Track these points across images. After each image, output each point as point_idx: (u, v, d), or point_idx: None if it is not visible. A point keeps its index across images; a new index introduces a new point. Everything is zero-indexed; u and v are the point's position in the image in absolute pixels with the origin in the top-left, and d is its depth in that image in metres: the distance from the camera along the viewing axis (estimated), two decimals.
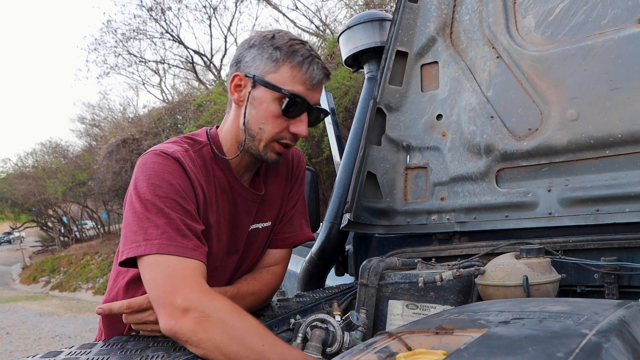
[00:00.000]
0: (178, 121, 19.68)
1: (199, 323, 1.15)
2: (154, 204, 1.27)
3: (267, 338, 1.17)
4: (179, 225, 1.26)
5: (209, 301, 1.18)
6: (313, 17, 19.35)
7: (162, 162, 1.33)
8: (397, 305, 1.55)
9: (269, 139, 1.44)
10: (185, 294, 1.18)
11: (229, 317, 1.17)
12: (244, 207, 1.54)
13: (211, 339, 1.14)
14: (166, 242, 1.23)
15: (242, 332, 1.16)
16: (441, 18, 1.91)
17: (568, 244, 1.57)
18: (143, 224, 1.26)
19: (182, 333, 1.16)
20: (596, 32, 1.60)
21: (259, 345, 1.15)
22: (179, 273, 1.21)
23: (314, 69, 1.41)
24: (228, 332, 1.15)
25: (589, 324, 0.79)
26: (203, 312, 1.16)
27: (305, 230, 1.74)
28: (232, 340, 1.15)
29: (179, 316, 1.16)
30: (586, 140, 1.59)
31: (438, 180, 1.86)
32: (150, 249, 1.23)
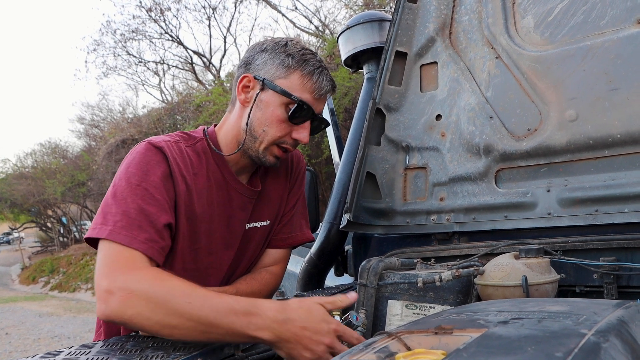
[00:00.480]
0: (177, 121, 19.67)
1: (124, 301, 1.16)
2: (123, 191, 1.30)
3: (193, 295, 1.18)
4: (137, 215, 1.28)
5: (131, 278, 1.20)
6: (312, 18, 19.33)
7: (144, 151, 1.37)
8: (396, 306, 1.55)
9: (270, 141, 1.47)
10: (111, 277, 1.20)
11: (151, 286, 1.18)
12: (238, 202, 1.55)
13: (139, 312, 1.16)
14: (118, 229, 1.26)
15: (166, 297, 1.17)
16: (440, 18, 1.91)
17: (567, 244, 1.57)
18: (106, 208, 1.31)
19: (113, 315, 1.18)
20: (595, 32, 1.60)
21: (184, 304, 1.16)
22: (116, 260, 1.23)
23: (323, 79, 1.47)
24: (152, 300, 1.16)
25: (587, 324, 0.79)
26: (126, 290, 1.17)
27: (304, 231, 1.75)
28: (158, 307, 1.16)
29: (106, 299, 1.18)
30: (585, 140, 1.59)
31: (437, 180, 1.86)
32: (102, 233, 1.26)
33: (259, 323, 1.17)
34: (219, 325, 1.15)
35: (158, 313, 1.15)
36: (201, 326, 1.15)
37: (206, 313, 1.15)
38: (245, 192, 1.56)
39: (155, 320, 1.16)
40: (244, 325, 1.16)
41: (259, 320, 1.17)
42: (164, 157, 1.37)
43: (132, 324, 1.18)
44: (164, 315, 1.15)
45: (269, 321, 1.17)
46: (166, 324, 1.16)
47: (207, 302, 1.17)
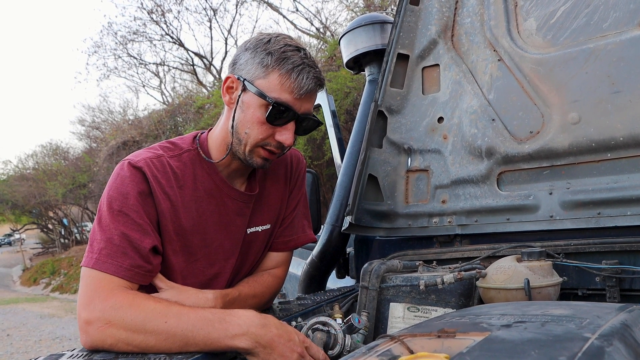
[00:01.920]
0: (178, 123, 19.67)
1: (102, 331, 1.19)
2: (105, 218, 1.31)
3: (169, 314, 1.21)
4: (121, 242, 1.29)
5: (108, 306, 1.21)
6: (313, 20, 19.36)
7: (123, 173, 1.36)
8: (398, 308, 1.55)
9: (253, 144, 1.43)
10: (90, 307, 1.22)
11: (127, 312, 1.20)
12: (234, 208, 1.53)
13: (118, 340, 1.19)
14: (104, 258, 1.27)
15: (143, 321, 1.19)
16: (442, 21, 1.91)
17: (569, 247, 1.57)
18: (94, 235, 1.32)
19: (94, 345, 1.21)
20: (598, 35, 1.60)
21: (161, 324, 1.19)
22: (96, 288, 1.25)
23: (303, 77, 1.37)
24: (129, 327, 1.19)
25: (591, 327, 0.79)
26: (103, 320, 1.19)
27: (307, 232, 1.74)
28: (136, 332, 1.18)
29: (85, 330, 1.21)
30: (588, 143, 1.59)
31: (439, 183, 1.86)
32: (88, 262, 1.28)
33: (236, 330, 1.19)
34: (196, 338, 1.18)
35: (136, 338, 1.18)
36: (179, 342, 1.18)
37: (182, 329, 1.18)
38: (239, 198, 1.54)
39: (135, 344, 1.19)
40: (221, 334, 1.19)
41: (236, 327, 1.20)
42: (142, 176, 1.35)
43: (113, 350, 1.21)
44: (143, 339, 1.18)
45: (246, 326, 1.20)
46: (145, 345, 1.19)
47: (182, 319, 1.20)
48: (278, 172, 1.66)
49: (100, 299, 1.22)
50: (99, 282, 1.24)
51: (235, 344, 1.19)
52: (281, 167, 1.67)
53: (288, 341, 1.22)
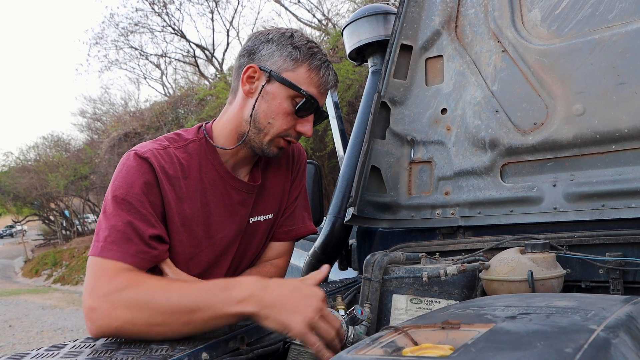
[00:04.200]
0: (180, 115, 19.67)
1: (108, 314, 1.18)
2: (110, 207, 1.31)
3: (171, 289, 1.21)
4: (125, 228, 1.28)
5: (112, 288, 1.21)
6: (315, 11, 19.30)
7: (130, 163, 1.36)
8: (401, 300, 1.55)
9: (275, 134, 1.46)
10: (94, 293, 1.21)
11: (130, 291, 1.20)
12: (238, 198, 1.54)
13: (125, 321, 1.18)
14: (108, 245, 1.27)
15: (145, 298, 1.19)
16: (446, 11, 1.89)
17: (573, 239, 1.56)
18: (99, 225, 1.32)
19: (101, 331, 1.20)
20: (603, 26, 1.59)
21: (164, 300, 1.18)
22: (100, 275, 1.24)
23: (329, 74, 1.47)
24: (134, 306, 1.19)
25: (596, 319, 0.79)
26: (108, 302, 1.19)
27: (307, 224, 1.75)
28: (140, 310, 1.18)
29: (91, 317, 1.20)
30: (592, 135, 1.58)
31: (442, 174, 1.85)
32: (94, 251, 1.27)
33: (240, 294, 1.18)
34: (200, 309, 1.17)
35: (142, 317, 1.18)
36: (185, 316, 1.17)
37: (186, 302, 1.18)
38: (243, 188, 1.55)
39: (141, 324, 1.18)
40: (225, 302, 1.17)
41: (239, 292, 1.18)
42: (149, 167, 1.35)
43: (120, 334, 1.20)
44: (148, 317, 1.18)
45: (249, 290, 1.18)
46: (151, 324, 1.18)
47: (185, 292, 1.20)
48: (280, 162, 1.67)
49: (103, 284, 1.21)
50: (104, 269, 1.24)
51: (241, 309, 1.17)
52: (283, 158, 1.68)
53: (304, 297, 1.19)
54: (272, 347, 1.34)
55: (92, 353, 1.12)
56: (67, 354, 1.12)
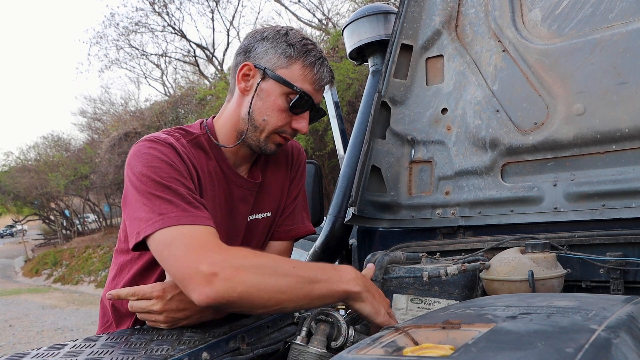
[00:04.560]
0: (180, 115, 19.67)
1: (232, 279, 1.15)
2: (160, 183, 1.28)
3: (294, 262, 1.29)
4: (189, 199, 1.27)
5: (232, 255, 1.20)
6: (315, 11, 19.29)
7: (157, 147, 1.35)
8: (401, 300, 1.55)
9: (270, 130, 1.47)
10: (209, 259, 1.18)
11: (255, 258, 1.22)
12: (239, 195, 1.55)
13: (251, 284, 1.17)
14: (183, 213, 1.24)
15: (273, 265, 1.22)
16: (447, 11, 1.89)
17: (574, 239, 1.56)
18: (154, 202, 1.26)
19: (221, 296, 1.16)
20: (604, 25, 1.59)
21: (290, 268, 1.22)
22: (198, 241, 1.21)
23: (323, 70, 1.47)
24: (261, 271, 1.19)
25: (597, 319, 0.79)
26: (231, 267, 1.16)
27: (306, 224, 1.75)
28: (268, 275, 1.19)
29: (211, 282, 1.15)
30: (593, 134, 1.58)
31: (443, 174, 1.85)
32: (169, 222, 1.22)
33: (347, 276, 1.27)
34: (320, 281, 1.23)
35: (269, 282, 1.18)
36: (307, 286, 1.22)
37: (309, 273, 1.24)
38: (245, 185, 1.56)
39: (267, 289, 1.18)
40: (339, 279, 1.26)
41: (347, 273, 1.28)
42: (176, 152, 1.36)
43: (240, 301, 1.17)
44: (275, 283, 1.18)
45: (353, 274, 1.29)
46: (277, 290, 1.19)
47: (304, 265, 1.31)
48: (279, 161, 1.68)
49: (215, 251, 1.20)
50: (196, 236, 1.22)
51: (350, 287, 1.26)
52: (282, 157, 1.68)
53: (379, 291, 1.35)
54: (273, 347, 1.33)
55: (92, 353, 1.12)
56: (67, 353, 1.12)
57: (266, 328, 1.39)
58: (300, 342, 1.24)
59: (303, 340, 1.25)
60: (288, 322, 1.48)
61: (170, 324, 1.30)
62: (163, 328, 1.31)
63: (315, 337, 1.25)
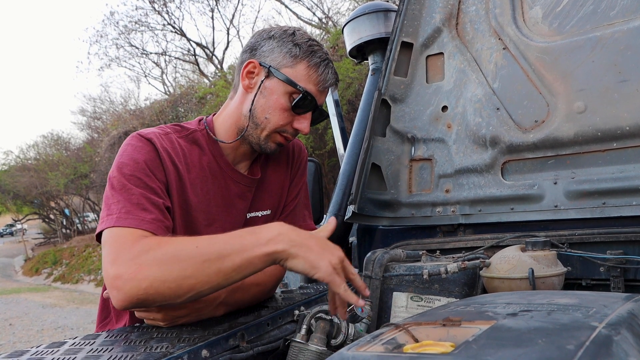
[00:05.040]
0: (180, 114, 19.66)
1: (134, 277, 1.13)
2: (119, 181, 1.30)
3: (197, 240, 1.19)
4: (139, 200, 1.27)
5: (135, 252, 1.17)
6: (315, 10, 19.27)
7: (134, 142, 1.37)
8: (401, 297, 1.54)
9: (272, 129, 1.47)
10: (117, 261, 1.17)
11: (157, 250, 1.16)
12: (236, 191, 1.55)
13: (154, 279, 1.13)
14: (124, 215, 1.24)
15: (174, 251, 1.16)
16: (447, 9, 1.89)
17: (574, 237, 1.56)
18: (108, 201, 1.29)
19: (129, 297, 1.14)
20: (605, 23, 1.58)
21: (192, 249, 1.15)
22: (117, 244, 1.20)
23: (328, 72, 1.47)
24: (162, 261, 1.15)
25: (598, 316, 0.78)
26: (134, 265, 1.14)
27: (307, 222, 1.74)
28: (169, 264, 1.14)
29: (117, 285, 1.14)
30: (593, 132, 1.58)
31: (443, 172, 1.85)
32: (108, 223, 1.24)
33: (268, 235, 1.17)
34: (230, 254, 1.15)
35: (172, 271, 1.13)
36: (216, 263, 1.14)
37: (216, 248, 1.16)
38: (242, 181, 1.55)
39: (172, 279, 1.13)
40: (254, 243, 1.16)
41: (267, 232, 1.18)
42: (152, 147, 1.36)
43: (150, 297, 1.15)
44: (179, 270, 1.14)
45: (277, 231, 1.19)
46: (182, 277, 1.13)
47: (213, 240, 1.19)
48: (280, 158, 1.67)
49: (126, 250, 1.18)
50: (123, 237, 1.21)
51: (271, 248, 1.16)
52: (283, 154, 1.68)
53: (325, 244, 1.21)
54: (273, 345, 1.33)
55: (92, 350, 1.12)
56: (66, 351, 1.12)
57: (266, 325, 1.39)
58: (300, 340, 1.24)
59: (303, 337, 1.25)
60: (288, 320, 1.48)
61: (169, 321, 1.30)
62: (162, 326, 1.31)
63: (315, 335, 1.24)
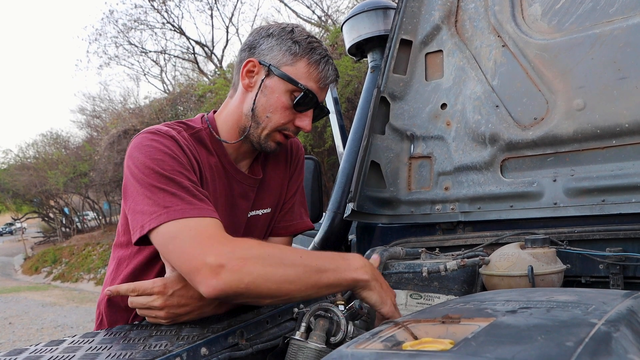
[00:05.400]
0: (179, 112, 19.67)
1: (239, 270, 1.15)
2: (163, 175, 1.26)
3: (301, 251, 1.27)
4: (194, 191, 1.27)
5: (238, 246, 1.20)
6: (315, 8, 19.25)
7: (158, 139, 1.34)
8: (400, 295, 1.54)
9: (273, 128, 1.47)
10: (215, 251, 1.17)
11: (262, 249, 1.22)
12: (240, 191, 1.55)
13: (258, 275, 1.16)
14: (188, 206, 1.23)
15: (280, 255, 1.22)
16: (446, 6, 1.88)
17: (573, 235, 1.56)
18: (157, 195, 1.24)
19: (228, 287, 1.15)
20: (604, 20, 1.58)
21: (297, 258, 1.22)
22: (204, 234, 1.21)
23: (328, 69, 1.46)
24: (268, 261, 1.19)
25: (597, 313, 0.78)
26: (238, 258, 1.16)
27: (305, 220, 1.75)
28: (275, 266, 1.19)
29: (218, 274, 1.15)
30: (592, 130, 1.57)
31: (442, 169, 1.84)
32: (174, 215, 1.21)
33: (356, 264, 1.28)
34: (327, 271, 1.24)
35: (276, 272, 1.18)
36: (315, 275, 1.22)
37: (316, 262, 1.23)
38: (245, 181, 1.55)
39: (275, 280, 1.18)
40: (347, 267, 1.27)
41: (355, 262, 1.29)
42: (178, 145, 1.35)
43: (248, 291, 1.16)
44: (283, 273, 1.19)
45: (361, 262, 1.30)
46: (285, 280, 1.19)
47: (312, 255, 1.29)
48: (279, 157, 1.67)
49: (222, 242, 1.19)
50: (208, 227, 1.21)
51: (358, 275, 1.27)
52: (281, 153, 1.68)
53: (388, 285, 1.35)
54: (272, 343, 1.33)
55: (91, 349, 1.12)
56: (65, 349, 1.12)
57: (265, 323, 1.39)
58: (299, 338, 1.24)
59: (302, 335, 1.25)
60: (287, 317, 1.48)
61: (171, 319, 1.30)
62: (163, 324, 1.31)
63: (315, 333, 1.24)
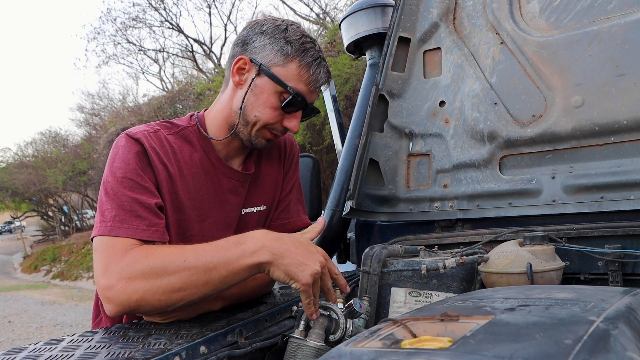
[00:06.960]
0: (178, 110, 19.62)
1: (125, 290, 1.18)
2: (112, 186, 1.31)
3: (185, 252, 1.22)
4: (132, 206, 1.29)
5: (125, 264, 1.20)
6: (313, 5, 19.23)
7: (123, 144, 1.37)
8: (399, 293, 1.54)
9: (261, 126, 1.47)
10: (107, 272, 1.20)
11: (144, 262, 1.20)
12: (229, 186, 1.54)
13: (145, 291, 1.18)
14: (117, 224, 1.26)
15: (162, 265, 1.20)
16: (444, 4, 1.88)
17: (572, 232, 1.56)
18: (102, 206, 1.31)
19: (121, 307, 1.19)
20: (602, 17, 1.58)
21: (181, 263, 1.20)
22: (108, 254, 1.24)
23: (320, 72, 1.45)
24: (151, 275, 1.18)
25: (595, 311, 0.78)
26: (123, 278, 1.18)
27: (302, 217, 1.75)
28: (158, 277, 1.18)
29: (108, 297, 1.19)
30: (591, 126, 1.57)
31: (441, 167, 1.84)
32: (103, 230, 1.26)
33: (252, 247, 1.22)
34: (217, 266, 1.20)
35: (161, 284, 1.18)
36: (203, 275, 1.19)
37: (202, 261, 1.20)
38: (234, 176, 1.55)
39: (161, 291, 1.18)
40: (239, 255, 1.21)
41: (252, 244, 1.22)
42: (141, 147, 1.36)
43: (141, 307, 1.19)
44: (168, 282, 1.18)
45: (260, 242, 1.22)
46: (171, 289, 1.18)
47: (200, 252, 1.22)
48: (272, 154, 1.68)
49: (116, 262, 1.21)
50: (115, 248, 1.23)
51: (255, 260, 1.21)
52: (274, 150, 1.68)
53: (308, 251, 1.24)
54: (271, 341, 1.33)
55: (90, 347, 1.12)
56: (64, 348, 1.12)
57: (264, 322, 1.39)
58: (298, 336, 1.24)
59: (301, 333, 1.25)
60: (286, 315, 1.48)
61: (167, 317, 1.30)
62: (159, 322, 1.31)
63: (314, 331, 1.24)
